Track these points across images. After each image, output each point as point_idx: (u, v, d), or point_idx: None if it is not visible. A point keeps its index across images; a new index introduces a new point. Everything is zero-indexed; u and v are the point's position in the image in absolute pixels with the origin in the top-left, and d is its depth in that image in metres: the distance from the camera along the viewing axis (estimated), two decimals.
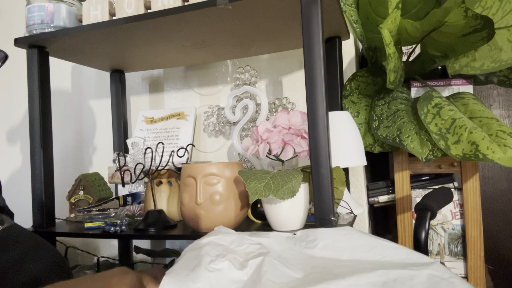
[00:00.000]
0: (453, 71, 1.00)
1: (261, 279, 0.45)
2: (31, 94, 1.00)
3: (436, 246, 1.06)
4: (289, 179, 0.73)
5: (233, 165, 0.82)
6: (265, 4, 0.82)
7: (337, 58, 1.06)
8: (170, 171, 1.01)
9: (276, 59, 1.25)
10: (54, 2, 0.98)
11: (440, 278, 0.44)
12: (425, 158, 0.93)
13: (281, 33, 1.01)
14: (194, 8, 0.83)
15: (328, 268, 0.50)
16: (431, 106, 0.95)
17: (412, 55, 1.12)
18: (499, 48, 0.95)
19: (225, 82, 1.31)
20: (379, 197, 1.15)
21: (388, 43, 0.87)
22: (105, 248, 1.43)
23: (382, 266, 0.48)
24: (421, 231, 0.75)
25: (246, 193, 0.81)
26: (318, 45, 0.75)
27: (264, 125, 0.87)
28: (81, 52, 1.09)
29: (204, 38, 1.02)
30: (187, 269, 0.46)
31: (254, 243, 0.54)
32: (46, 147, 1.00)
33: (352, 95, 1.09)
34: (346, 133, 0.92)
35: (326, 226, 0.71)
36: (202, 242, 0.53)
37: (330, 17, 0.91)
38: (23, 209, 1.07)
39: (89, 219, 1.02)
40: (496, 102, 1.72)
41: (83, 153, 1.48)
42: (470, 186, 1.02)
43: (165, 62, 1.25)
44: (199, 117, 1.32)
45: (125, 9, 0.91)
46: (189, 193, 0.81)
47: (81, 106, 1.50)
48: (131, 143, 1.09)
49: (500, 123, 0.89)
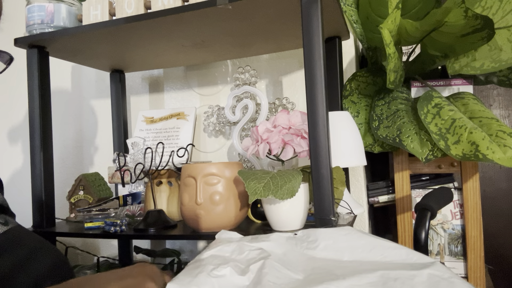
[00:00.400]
0: (453, 71, 1.00)
1: (262, 281, 0.45)
2: (31, 94, 1.00)
3: (436, 246, 1.06)
4: (288, 179, 0.73)
5: (233, 165, 0.82)
6: (265, 4, 0.82)
7: (337, 58, 1.06)
8: (170, 171, 1.01)
9: (276, 59, 1.25)
10: (54, 2, 0.98)
11: (440, 278, 0.44)
12: (425, 158, 0.93)
13: (281, 33, 1.01)
14: (194, 8, 0.83)
15: (328, 269, 0.50)
16: (431, 106, 0.95)
17: (412, 55, 1.12)
18: (499, 48, 0.95)
19: (225, 82, 1.31)
20: (379, 197, 1.15)
21: (388, 43, 0.87)
22: (105, 248, 1.43)
23: (382, 266, 0.49)
24: (421, 231, 0.75)
25: (246, 193, 0.81)
26: (318, 45, 0.75)
27: (264, 125, 0.87)
28: (81, 52, 1.09)
29: (204, 38, 1.02)
30: (190, 276, 0.46)
31: (254, 249, 0.55)
32: (46, 147, 1.00)
33: (352, 95, 1.09)
34: (346, 133, 0.92)
35: (326, 226, 0.71)
36: (203, 257, 0.53)
37: (330, 17, 0.91)
38: (23, 209, 1.07)
39: (89, 219, 1.02)
40: (496, 102, 1.72)
41: (83, 153, 1.48)
42: (470, 186, 1.02)
43: (165, 62, 1.25)
44: (199, 117, 1.32)
45: (125, 9, 0.91)
46: (189, 193, 0.81)
47: (81, 106, 1.49)
48: (131, 143, 1.09)
49: (500, 123, 0.89)
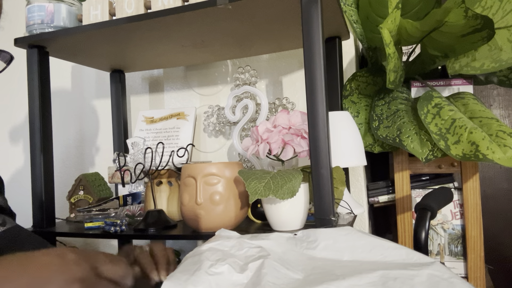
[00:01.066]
0: (453, 71, 1.00)
1: (261, 281, 0.45)
2: (31, 94, 1.00)
3: (436, 246, 1.06)
4: (289, 179, 0.73)
5: (233, 165, 0.82)
6: (265, 4, 0.82)
7: (337, 58, 1.06)
8: (170, 171, 1.01)
9: (276, 59, 1.25)
10: (54, 2, 0.98)
11: (440, 278, 0.44)
12: (425, 158, 0.93)
13: (281, 33, 1.01)
14: (194, 8, 0.83)
15: (328, 269, 0.50)
16: (431, 106, 0.95)
17: (412, 55, 1.12)
18: (499, 48, 0.95)
19: (225, 82, 1.31)
20: (379, 197, 1.15)
21: (388, 43, 0.87)
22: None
23: (382, 266, 0.49)
24: (421, 231, 0.75)
25: (246, 193, 0.81)
26: (318, 45, 0.75)
27: (264, 125, 0.87)
28: (81, 52, 1.09)
29: (204, 38, 1.02)
30: (187, 273, 0.46)
31: (254, 247, 0.54)
32: (46, 147, 1.00)
33: (352, 95, 1.09)
34: (346, 133, 0.92)
35: (326, 226, 0.71)
36: (202, 249, 0.53)
37: (330, 17, 0.91)
38: (23, 209, 1.07)
39: (89, 219, 1.02)
40: (496, 102, 1.72)
41: (83, 153, 1.48)
42: (470, 186, 1.02)
43: (165, 62, 1.25)
44: (199, 117, 1.32)
45: (125, 9, 0.91)
46: (189, 193, 0.81)
47: (81, 106, 1.49)
48: (131, 143, 1.09)
49: (500, 123, 0.89)
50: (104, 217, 1.03)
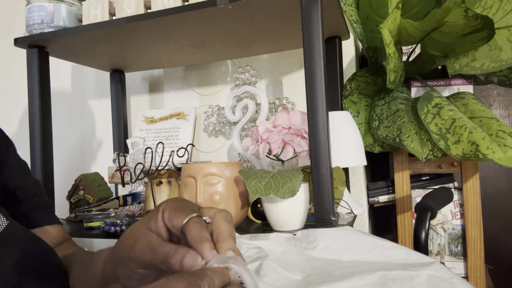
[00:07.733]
0: (453, 71, 1.00)
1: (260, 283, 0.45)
2: (31, 94, 1.00)
3: (436, 246, 1.06)
4: (289, 179, 0.73)
5: (233, 165, 0.82)
6: (265, 4, 0.82)
7: (337, 58, 1.06)
8: (170, 171, 1.01)
9: (276, 59, 1.25)
10: (54, 2, 0.98)
11: (440, 279, 0.44)
12: (425, 158, 0.93)
13: (281, 33, 1.01)
14: (194, 8, 0.83)
15: (327, 270, 0.49)
16: (431, 106, 0.95)
17: (412, 55, 1.12)
18: (499, 48, 0.95)
19: (225, 82, 1.31)
20: (379, 197, 1.15)
21: (388, 43, 0.87)
22: None
23: (382, 266, 0.48)
24: (421, 231, 0.75)
25: (246, 193, 0.81)
26: (318, 45, 0.75)
27: (264, 125, 0.87)
28: (81, 52, 1.09)
29: (204, 38, 1.02)
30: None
31: (252, 247, 0.54)
32: (46, 147, 1.00)
33: (352, 95, 1.09)
34: (346, 133, 0.92)
35: (326, 226, 0.71)
36: None
37: (330, 17, 0.91)
38: None
39: (89, 219, 1.02)
40: (496, 102, 1.72)
41: (83, 153, 1.48)
42: (470, 186, 1.02)
43: (165, 62, 1.25)
44: (199, 117, 1.32)
45: (125, 9, 0.91)
46: (189, 193, 0.81)
47: (81, 106, 1.49)
48: (131, 143, 1.09)
49: (500, 123, 0.89)
50: (104, 217, 1.03)
